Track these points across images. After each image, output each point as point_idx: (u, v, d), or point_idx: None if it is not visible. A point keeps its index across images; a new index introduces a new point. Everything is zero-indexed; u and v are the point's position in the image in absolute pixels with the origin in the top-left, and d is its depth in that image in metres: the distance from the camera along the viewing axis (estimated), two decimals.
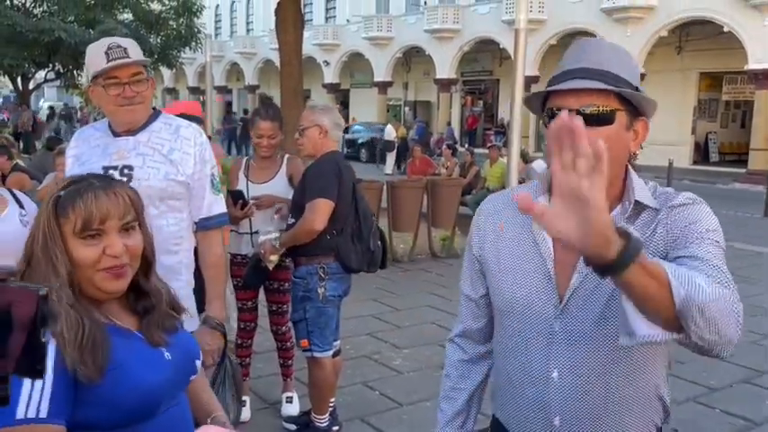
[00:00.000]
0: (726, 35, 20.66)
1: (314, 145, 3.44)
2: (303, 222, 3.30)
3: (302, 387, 4.01)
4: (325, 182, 3.31)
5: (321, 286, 3.37)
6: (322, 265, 3.37)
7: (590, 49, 1.34)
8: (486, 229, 1.51)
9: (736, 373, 4.78)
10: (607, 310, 1.32)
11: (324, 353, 3.48)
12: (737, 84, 23.60)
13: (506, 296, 1.43)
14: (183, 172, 2.26)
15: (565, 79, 1.30)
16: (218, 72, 44.29)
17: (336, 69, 36.84)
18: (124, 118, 2.23)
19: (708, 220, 1.33)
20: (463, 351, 1.64)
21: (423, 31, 30.05)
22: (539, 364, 1.38)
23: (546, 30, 25.45)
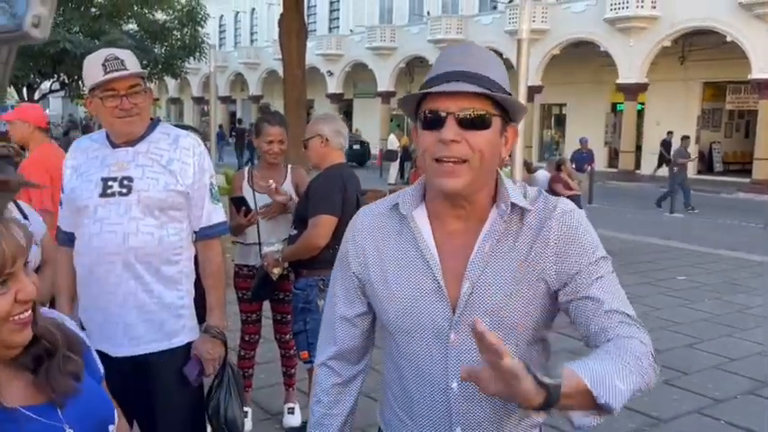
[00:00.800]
0: (729, 45, 20.68)
1: (317, 155, 3.43)
2: (306, 238, 3.28)
3: (304, 398, 4.00)
4: (329, 197, 3.28)
5: (321, 298, 3.34)
6: (322, 278, 3.32)
7: (467, 53, 1.31)
8: (366, 245, 1.43)
9: (741, 385, 4.75)
10: (499, 313, 1.33)
11: None
12: (741, 93, 23.60)
13: (398, 313, 1.37)
14: (182, 182, 2.26)
15: (442, 82, 1.26)
16: (223, 82, 44.46)
17: (340, 79, 36.96)
18: (122, 129, 2.23)
19: (591, 237, 1.35)
20: (337, 374, 1.54)
21: (426, 41, 30.16)
22: (438, 375, 1.35)
23: (549, 40, 25.51)
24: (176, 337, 2.30)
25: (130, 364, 2.26)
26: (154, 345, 2.27)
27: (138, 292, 2.23)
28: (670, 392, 4.60)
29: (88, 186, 2.24)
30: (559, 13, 25.64)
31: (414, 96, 1.31)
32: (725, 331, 6.04)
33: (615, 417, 3.45)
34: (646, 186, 21.39)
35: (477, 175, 1.28)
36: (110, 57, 2.17)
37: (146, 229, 2.21)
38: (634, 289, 7.62)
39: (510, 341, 1.34)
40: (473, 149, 1.25)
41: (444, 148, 1.26)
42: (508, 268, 1.33)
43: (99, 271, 2.23)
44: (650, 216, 14.62)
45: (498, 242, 1.33)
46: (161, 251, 2.24)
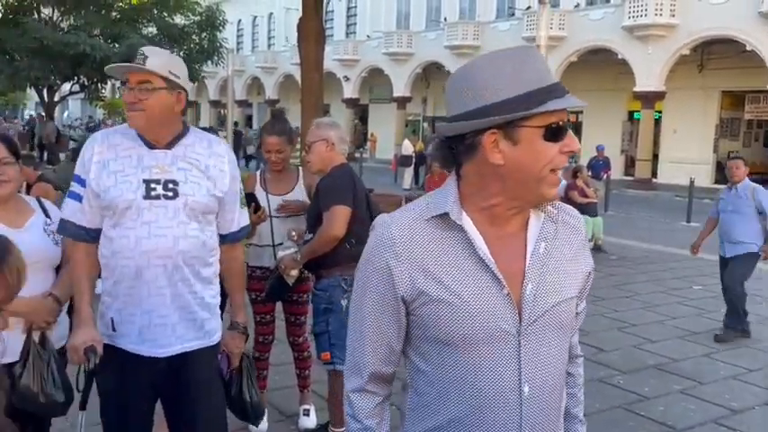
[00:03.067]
0: (748, 54, 20.53)
1: (322, 159, 3.44)
2: (323, 231, 3.28)
3: (319, 400, 4.01)
4: (340, 190, 3.31)
5: (344, 298, 3.33)
6: (345, 277, 3.32)
7: (543, 61, 1.34)
8: (416, 259, 1.33)
9: (758, 395, 4.71)
10: (558, 313, 1.36)
11: None
12: (760, 103, 23.41)
13: (468, 324, 1.30)
14: (220, 189, 2.33)
15: (558, 94, 1.27)
16: (239, 86, 44.71)
17: (356, 84, 37.05)
18: (129, 123, 2.26)
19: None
20: (375, 395, 1.44)
21: (443, 47, 30.17)
22: (511, 380, 1.32)
23: (566, 47, 25.44)
24: (215, 335, 2.42)
25: (165, 363, 2.29)
26: (196, 342, 2.34)
27: (185, 293, 2.30)
28: (686, 402, 4.57)
29: (129, 187, 2.22)
30: (577, 20, 25.57)
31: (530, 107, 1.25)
32: (742, 342, 5.98)
33: (632, 426, 3.45)
34: (662, 195, 21.24)
35: None
36: (140, 52, 2.23)
37: (192, 232, 2.27)
38: (649, 297, 7.58)
39: (564, 341, 1.40)
40: None
41: (566, 159, 1.30)
42: (561, 268, 1.37)
43: (148, 274, 2.23)
44: (667, 225, 14.51)
45: (551, 242, 1.37)
46: (203, 254, 2.33)
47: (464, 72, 1.33)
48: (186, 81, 2.34)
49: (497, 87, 1.26)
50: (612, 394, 4.66)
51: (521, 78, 1.26)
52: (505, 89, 1.26)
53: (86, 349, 2.20)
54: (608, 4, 25.02)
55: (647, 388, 4.79)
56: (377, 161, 32.49)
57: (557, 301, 1.35)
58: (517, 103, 1.25)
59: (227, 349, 2.49)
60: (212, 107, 49.10)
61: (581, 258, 1.42)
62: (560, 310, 1.36)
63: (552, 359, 1.36)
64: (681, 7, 22.09)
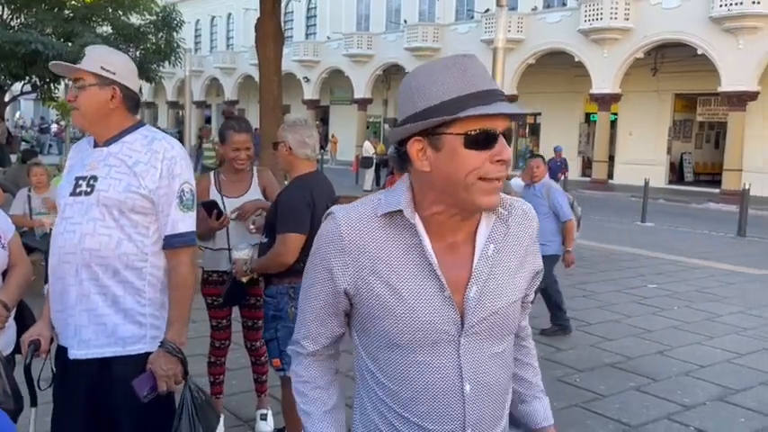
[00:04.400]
0: (700, 58, 21.08)
1: (284, 161, 3.37)
2: (274, 256, 3.24)
3: (277, 404, 3.96)
4: (297, 214, 3.22)
5: (291, 306, 3.29)
6: (293, 285, 3.28)
7: (484, 69, 1.30)
8: (362, 255, 1.33)
9: (710, 391, 4.82)
10: (504, 314, 1.38)
11: None
12: (711, 105, 24.05)
13: (410, 324, 1.31)
14: (145, 185, 2.19)
15: (489, 101, 1.24)
16: (198, 87, 44.15)
17: (316, 86, 36.93)
18: (72, 122, 2.28)
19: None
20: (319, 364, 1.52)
21: (403, 48, 30.27)
22: (452, 380, 1.34)
23: (524, 49, 25.76)
24: (134, 345, 2.21)
25: (97, 367, 2.21)
26: (106, 349, 2.19)
27: (92, 294, 2.17)
28: (641, 399, 4.65)
29: (67, 186, 2.25)
30: (535, 23, 25.92)
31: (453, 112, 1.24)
32: (695, 339, 6.12)
33: (589, 424, 3.48)
34: (618, 195, 21.66)
35: None
36: (83, 51, 2.24)
37: (103, 230, 2.16)
38: (606, 297, 7.70)
39: (508, 342, 1.44)
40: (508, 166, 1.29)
41: (499, 168, 1.26)
42: (510, 270, 1.39)
43: (59, 270, 2.20)
44: (622, 225, 14.79)
45: (501, 244, 1.38)
46: (120, 255, 2.18)
47: (406, 79, 1.35)
48: (126, 76, 2.26)
49: (429, 94, 1.26)
50: (570, 393, 4.72)
51: (452, 85, 1.25)
52: (435, 96, 1.25)
53: (30, 342, 2.20)
54: (565, 7, 25.43)
55: (604, 386, 4.86)
56: (338, 163, 32.43)
57: (502, 305, 1.37)
58: (440, 110, 1.24)
59: (151, 368, 2.17)
60: (170, 108, 48.38)
61: (530, 258, 1.45)
62: (504, 313, 1.38)
63: (495, 359, 1.39)
64: (635, 12, 22.57)
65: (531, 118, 29.90)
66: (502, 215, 1.39)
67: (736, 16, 19.61)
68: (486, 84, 1.26)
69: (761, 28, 19.42)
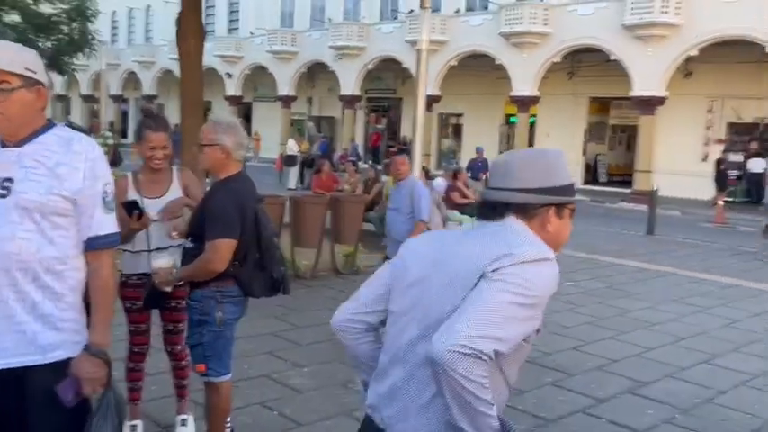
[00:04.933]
0: (613, 63, 21.97)
1: (213, 165, 3.29)
2: (204, 263, 3.17)
3: (200, 409, 3.88)
4: (227, 219, 3.17)
5: (219, 310, 3.26)
6: (220, 289, 3.25)
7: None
8: None
9: (621, 384, 5.04)
10: None
11: (222, 377, 3.37)
12: (623, 109, 25.11)
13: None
14: (68, 187, 2.12)
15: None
16: (114, 80, 42.66)
17: (239, 82, 36.33)
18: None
19: None
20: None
21: (328, 47, 30.18)
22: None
23: (447, 51, 26.16)
24: (52, 352, 2.14)
25: (15, 375, 2.10)
26: (26, 358, 2.10)
27: (10, 300, 2.08)
28: (557, 393, 4.82)
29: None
30: (458, 25, 26.37)
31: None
32: (607, 334, 6.39)
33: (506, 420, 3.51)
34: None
35: None
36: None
37: (23, 234, 2.07)
38: None
39: None
40: None
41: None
42: None
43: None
44: None
45: None
46: (41, 259, 2.10)
47: (537, 153, 1.81)
48: (43, 74, 2.17)
49: (561, 175, 1.74)
50: None
51: (567, 173, 1.76)
52: (564, 178, 1.74)
53: None
54: (486, 11, 25.98)
55: (521, 382, 4.99)
56: (261, 160, 32.00)
57: None
58: (567, 190, 1.74)
59: (75, 373, 2.13)
60: (84, 102, 46.48)
61: None
62: None
63: None
64: (553, 17, 23.31)
65: (454, 118, 30.44)
66: None
67: (646, 24, 20.55)
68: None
69: (668, 36, 20.43)
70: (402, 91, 30.38)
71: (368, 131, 33.78)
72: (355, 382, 4.80)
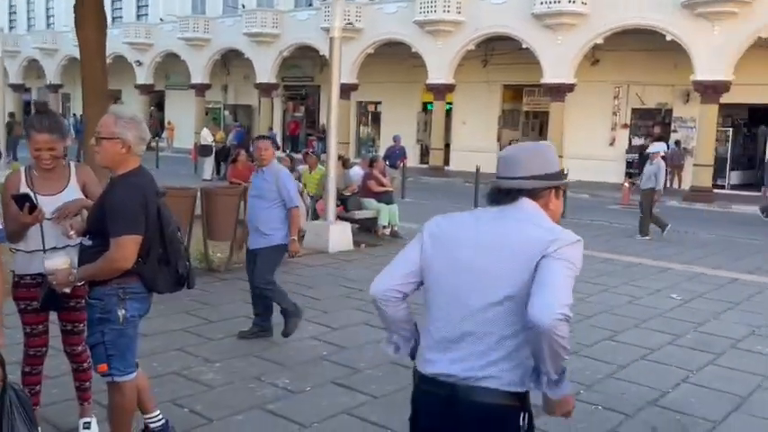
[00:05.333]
0: (525, 51, 22.53)
1: (113, 159, 3.15)
2: (110, 261, 3.06)
3: (102, 411, 3.75)
4: (131, 215, 3.06)
5: (121, 308, 3.15)
6: (122, 286, 3.15)
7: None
8: None
9: None
10: None
11: (125, 377, 3.27)
12: (535, 96, 25.80)
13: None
14: None
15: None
16: (14, 68, 40.40)
17: (150, 70, 35.12)
18: None
19: None
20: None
21: (241, 34, 29.56)
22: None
23: (363, 39, 26.13)
24: None
25: None
26: None
27: None
28: None
29: None
30: (373, 12, 26.36)
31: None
32: None
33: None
34: (454, 181, 22.69)
35: None
36: None
37: None
38: None
39: None
40: None
41: None
42: None
43: None
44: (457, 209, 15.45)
45: None
46: None
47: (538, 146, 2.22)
48: None
49: (556, 162, 2.19)
50: (405, 375, 4.85)
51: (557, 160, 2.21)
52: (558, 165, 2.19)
53: None
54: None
55: None
56: (175, 150, 31.15)
57: None
58: (561, 175, 2.20)
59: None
60: None
61: None
62: None
63: None
64: (466, 5, 23.64)
65: (371, 106, 30.49)
66: None
67: (554, 13, 21.16)
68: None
69: (576, 25, 21.11)
70: (320, 78, 30.14)
71: (286, 120, 33.38)
72: (268, 375, 4.77)
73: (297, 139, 32.48)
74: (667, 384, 4.90)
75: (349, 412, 4.20)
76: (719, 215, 16.87)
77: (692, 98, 20.57)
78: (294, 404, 4.29)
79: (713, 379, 5.07)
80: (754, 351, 5.78)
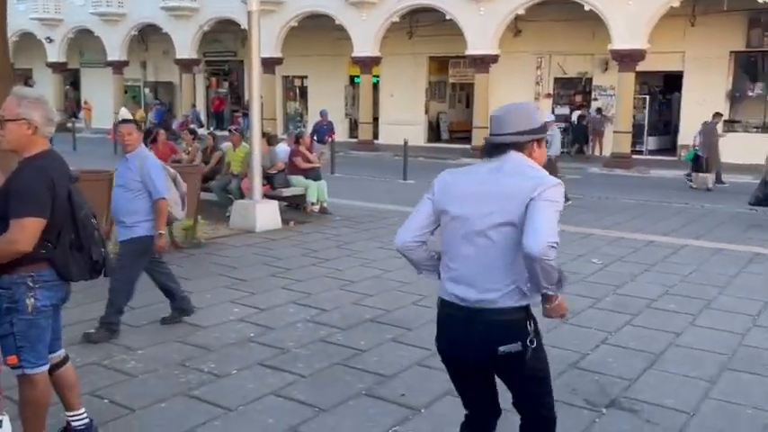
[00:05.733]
0: (449, 23, 22.57)
1: (18, 141, 3.05)
2: (8, 243, 2.94)
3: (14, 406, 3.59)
4: (36, 197, 2.96)
5: (30, 297, 3.05)
6: (31, 274, 3.04)
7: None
8: None
9: None
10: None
11: (37, 369, 3.17)
12: (461, 67, 25.97)
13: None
14: None
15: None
16: None
17: (62, 47, 33.43)
18: None
19: None
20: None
21: (159, 8, 28.46)
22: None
23: (285, 11, 25.56)
24: None
25: None
26: None
27: None
28: (397, 349, 4.97)
29: None
30: None
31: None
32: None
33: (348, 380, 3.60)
34: (383, 155, 22.71)
35: None
36: None
37: None
38: (369, 254, 8.07)
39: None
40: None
41: None
42: None
43: None
44: (386, 183, 15.57)
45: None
46: None
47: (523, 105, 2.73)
48: None
49: (538, 118, 2.65)
50: (332, 352, 4.89)
51: (538, 116, 2.66)
52: (540, 120, 2.65)
53: None
54: None
55: (364, 341, 5.11)
56: (94, 131, 29.92)
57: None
58: (543, 129, 2.64)
59: None
60: None
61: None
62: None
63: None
64: None
65: (298, 80, 30.04)
66: None
67: None
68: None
69: None
70: (243, 53, 29.34)
71: (209, 96, 32.53)
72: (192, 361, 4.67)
73: (222, 115, 31.73)
74: (587, 347, 5.08)
75: (276, 393, 4.17)
76: (638, 180, 17.52)
77: (611, 67, 21.14)
78: (219, 388, 4.23)
79: (629, 339, 5.28)
80: (667, 310, 6.06)
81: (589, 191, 13.84)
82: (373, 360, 4.74)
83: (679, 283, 6.94)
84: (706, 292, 6.60)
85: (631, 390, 4.34)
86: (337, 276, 6.98)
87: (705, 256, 8.27)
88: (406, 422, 3.84)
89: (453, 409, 3.97)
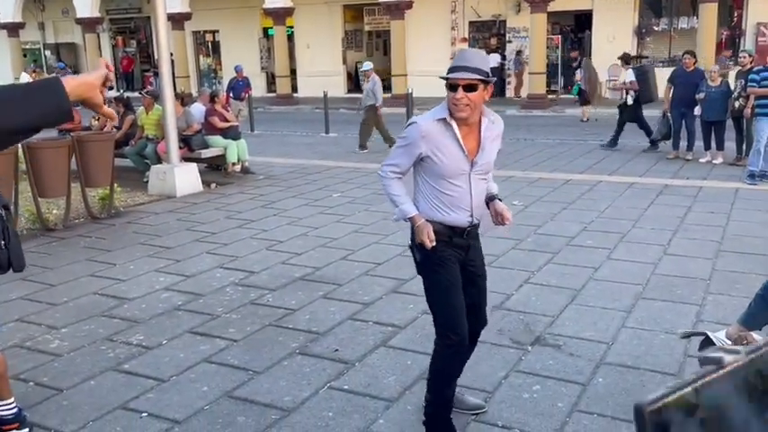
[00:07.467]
0: None
1: None
2: None
3: None
4: None
5: None
6: None
7: (468, 54, 3.03)
8: (428, 139, 3.03)
9: (385, 286, 5.36)
10: (489, 165, 3.17)
11: None
12: (376, 15, 25.62)
13: (448, 168, 3.04)
14: None
15: (456, 71, 2.91)
16: None
17: None
18: None
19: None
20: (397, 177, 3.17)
21: None
22: (466, 191, 3.10)
23: None
24: None
25: None
26: None
27: None
28: (327, 305, 5.00)
29: None
30: None
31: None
32: (373, 239, 6.72)
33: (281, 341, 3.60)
34: (303, 109, 22.38)
35: (474, 111, 2.97)
36: None
37: None
38: (295, 212, 8.02)
39: (488, 177, 3.21)
40: (471, 100, 2.93)
41: (454, 101, 2.92)
42: (492, 144, 3.13)
43: None
44: (309, 138, 15.39)
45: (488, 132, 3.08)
46: None
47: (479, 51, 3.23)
48: None
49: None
50: (263, 314, 4.88)
51: (453, 62, 3.02)
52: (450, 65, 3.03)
53: None
54: None
55: (294, 300, 5.12)
56: None
57: (487, 160, 3.10)
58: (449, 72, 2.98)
59: None
60: None
61: (497, 141, 3.17)
62: (489, 164, 3.13)
63: (482, 182, 3.15)
64: None
65: (209, 35, 28.99)
66: (490, 119, 3.09)
67: None
68: (458, 62, 2.95)
69: None
70: (149, 9, 28.02)
71: (117, 56, 31.04)
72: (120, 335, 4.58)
73: (132, 76, 30.41)
74: (511, 287, 5.26)
75: (209, 360, 4.15)
76: (554, 119, 17.95)
77: (523, 8, 21.32)
78: (150, 360, 4.17)
79: (551, 277, 5.50)
80: (585, 246, 6.32)
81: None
82: (305, 318, 4.77)
83: (596, 219, 7.24)
84: (621, 226, 6.92)
85: (554, 326, 4.54)
86: (264, 237, 6.92)
87: (619, 190, 8.63)
88: (341, 377, 3.91)
89: (387, 360, 4.08)
